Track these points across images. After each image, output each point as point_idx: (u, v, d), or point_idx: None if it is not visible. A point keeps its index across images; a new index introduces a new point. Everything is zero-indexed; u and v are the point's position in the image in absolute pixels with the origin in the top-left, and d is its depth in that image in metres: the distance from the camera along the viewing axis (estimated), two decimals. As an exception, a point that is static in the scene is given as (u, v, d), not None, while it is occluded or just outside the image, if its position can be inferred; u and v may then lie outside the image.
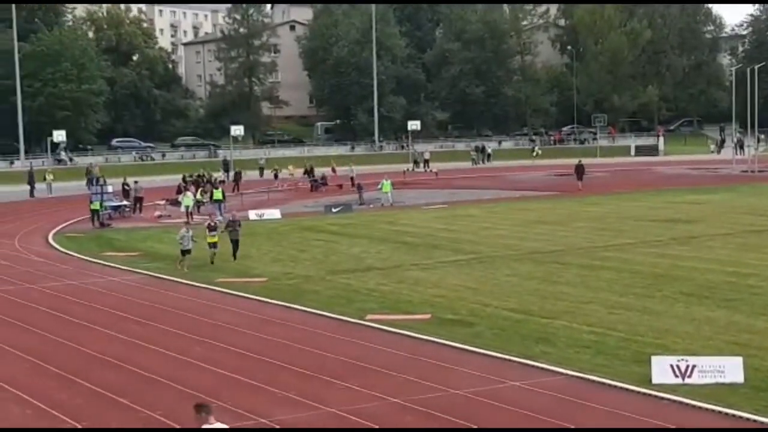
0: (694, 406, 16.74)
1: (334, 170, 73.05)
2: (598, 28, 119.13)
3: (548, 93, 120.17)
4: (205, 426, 12.22)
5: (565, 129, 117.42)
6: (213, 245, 33.59)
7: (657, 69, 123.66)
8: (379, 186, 56.42)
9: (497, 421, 16.27)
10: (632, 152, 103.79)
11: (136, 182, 58.04)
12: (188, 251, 32.41)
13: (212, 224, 33.76)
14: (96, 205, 48.55)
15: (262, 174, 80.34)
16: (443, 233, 41.67)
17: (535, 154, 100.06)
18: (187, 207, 49.66)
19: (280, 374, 19.44)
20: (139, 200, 55.43)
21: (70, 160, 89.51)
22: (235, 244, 34.14)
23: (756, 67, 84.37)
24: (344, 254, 36.06)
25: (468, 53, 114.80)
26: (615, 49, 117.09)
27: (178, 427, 16.23)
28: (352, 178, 67.57)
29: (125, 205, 54.33)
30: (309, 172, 70.25)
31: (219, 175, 67.09)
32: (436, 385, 18.33)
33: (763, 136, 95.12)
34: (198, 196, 53.48)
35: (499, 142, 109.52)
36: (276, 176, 72.05)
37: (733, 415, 16.25)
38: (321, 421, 16.46)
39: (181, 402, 17.60)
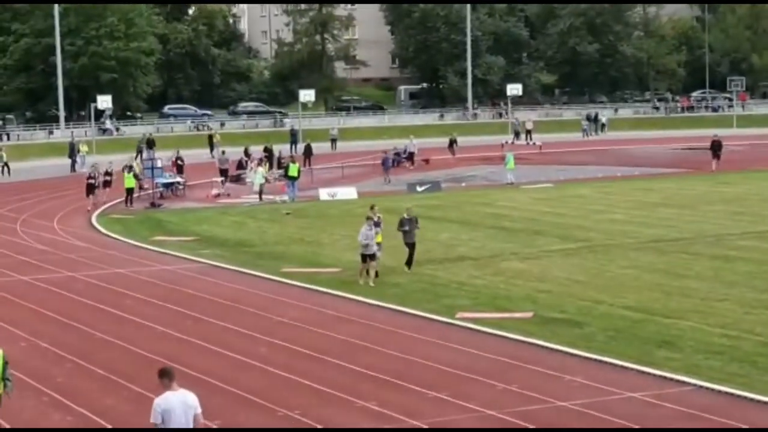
0: None
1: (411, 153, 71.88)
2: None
3: (675, 52, 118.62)
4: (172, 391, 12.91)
5: (694, 94, 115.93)
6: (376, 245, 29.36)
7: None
8: (505, 162, 56.84)
9: (610, 438, 16.23)
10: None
11: (223, 152, 59.18)
12: (373, 255, 28.30)
13: (377, 220, 29.68)
14: (130, 182, 48.99)
15: (334, 145, 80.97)
16: (548, 217, 41.53)
17: None
18: (260, 185, 50.30)
19: (357, 380, 19.60)
20: (224, 172, 56.51)
21: (117, 129, 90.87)
22: (412, 248, 30.29)
23: None
24: (431, 241, 35.96)
25: (580, 5, 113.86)
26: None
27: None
28: (411, 153, 67.18)
29: (178, 182, 55.05)
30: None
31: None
32: (539, 396, 18.31)
33: None
34: (264, 172, 54.10)
35: (616, 110, 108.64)
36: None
37: None
38: (404, 434, 16.58)
39: (243, 409, 17.89)
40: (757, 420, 16.89)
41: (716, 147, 60.98)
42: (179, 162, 58.90)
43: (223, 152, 59.99)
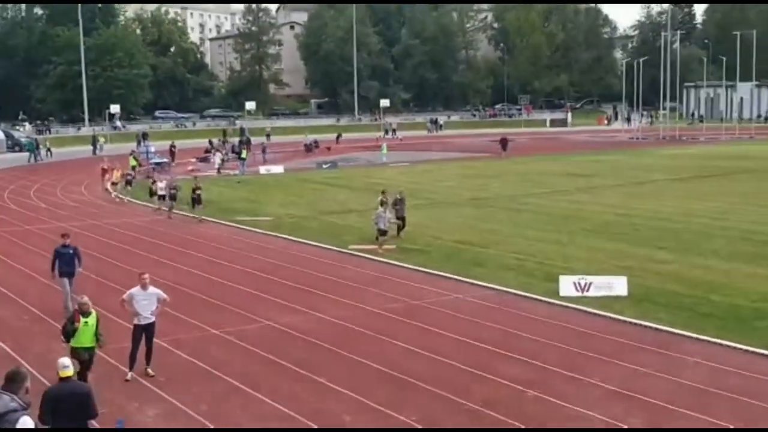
0: (590, 313, 17.06)
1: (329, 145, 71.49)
2: (523, 30, 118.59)
3: (485, 79, 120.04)
4: (142, 288, 13.63)
5: (497, 106, 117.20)
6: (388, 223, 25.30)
7: (568, 61, 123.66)
8: (381, 149, 57.41)
9: (444, 322, 16.51)
10: (548, 124, 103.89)
11: (224, 141, 60.50)
12: (385, 232, 24.33)
13: (384, 200, 26.26)
14: (133, 162, 47.67)
15: (268, 138, 79.90)
16: (406, 184, 41.37)
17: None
18: (218, 164, 49.90)
19: (281, 289, 19.54)
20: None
21: (123, 126, 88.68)
22: (402, 220, 26.24)
23: (641, 60, 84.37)
24: (332, 200, 36.08)
25: (425, 48, 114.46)
26: (536, 45, 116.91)
27: (211, 330, 16.34)
28: (306, 145, 66.54)
29: (166, 162, 53.90)
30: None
31: (234, 141, 66.46)
32: (399, 297, 18.52)
33: (644, 112, 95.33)
34: (224, 155, 53.76)
35: (449, 116, 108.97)
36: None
37: (619, 319, 16.58)
38: (312, 324, 16.62)
39: (208, 310, 17.75)
40: (535, 310, 17.32)
41: (503, 142, 60.22)
42: (172, 149, 57.65)
43: (224, 141, 61.22)
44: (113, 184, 40.37)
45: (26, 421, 7.61)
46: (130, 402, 12.53)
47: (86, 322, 12.50)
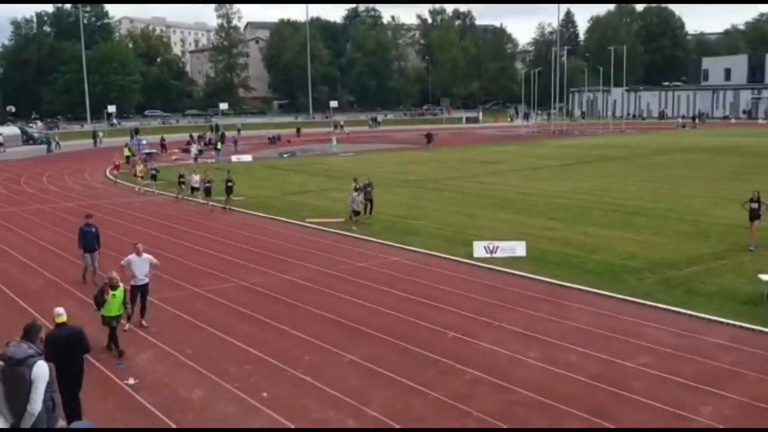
0: (497, 270, 17.28)
1: (286, 138, 70.49)
2: (444, 46, 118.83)
3: (414, 85, 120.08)
4: (137, 255, 13.43)
5: (424, 107, 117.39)
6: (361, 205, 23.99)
7: (479, 71, 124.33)
8: (331, 142, 56.85)
9: (384, 280, 16.51)
10: (464, 121, 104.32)
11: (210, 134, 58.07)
12: (358, 212, 23.26)
13: (356, 186, 24.65)
14: (127, 152, 46.45)
15: (239, 133, 78.55)
16: (353, 170, 41.32)
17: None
18: (196, 154, 48.82)
19: (251, 255, 19.36)
20: (206, 143, 56.52)
21: (119, 123, 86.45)
22: (370, 203, 24.67)
23: (536, 70, 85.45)
24: (292, 183, 35.73)
25: (366, 60, 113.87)
26: (454, 58, 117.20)
27: (193, 289, 16.09)
28: (270, 138, 65.96)
29: (155, 152, 52.70)
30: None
31: (211, 135, 65.16)
32: (348, 261, 18.51)
33: (539, 112, 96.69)
34: (200, 147, 52.54)
35: (385, 115, 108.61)
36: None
37: (520, 275, 16.82)
38: (277, 282, 16.50)
39: (198, 275, 17.47)
40: (454, 268, 17.47)
41: (429, 136, 59.78)
42: (163, 141, 56.27)
43: (204, 134, 60.03)
44: (139, 177, 35.83)
45: (41, 364, 7.55)
46: (128, 348, 12.31)
47: (114, 295, 12.07)
